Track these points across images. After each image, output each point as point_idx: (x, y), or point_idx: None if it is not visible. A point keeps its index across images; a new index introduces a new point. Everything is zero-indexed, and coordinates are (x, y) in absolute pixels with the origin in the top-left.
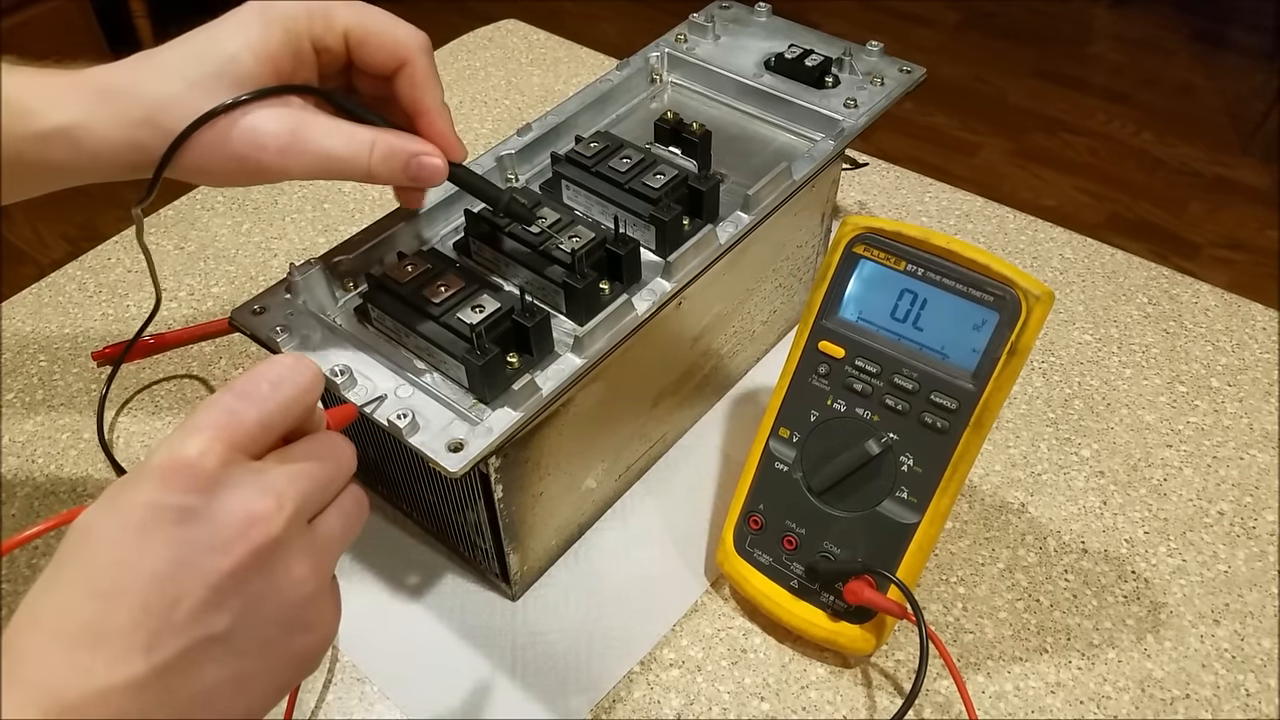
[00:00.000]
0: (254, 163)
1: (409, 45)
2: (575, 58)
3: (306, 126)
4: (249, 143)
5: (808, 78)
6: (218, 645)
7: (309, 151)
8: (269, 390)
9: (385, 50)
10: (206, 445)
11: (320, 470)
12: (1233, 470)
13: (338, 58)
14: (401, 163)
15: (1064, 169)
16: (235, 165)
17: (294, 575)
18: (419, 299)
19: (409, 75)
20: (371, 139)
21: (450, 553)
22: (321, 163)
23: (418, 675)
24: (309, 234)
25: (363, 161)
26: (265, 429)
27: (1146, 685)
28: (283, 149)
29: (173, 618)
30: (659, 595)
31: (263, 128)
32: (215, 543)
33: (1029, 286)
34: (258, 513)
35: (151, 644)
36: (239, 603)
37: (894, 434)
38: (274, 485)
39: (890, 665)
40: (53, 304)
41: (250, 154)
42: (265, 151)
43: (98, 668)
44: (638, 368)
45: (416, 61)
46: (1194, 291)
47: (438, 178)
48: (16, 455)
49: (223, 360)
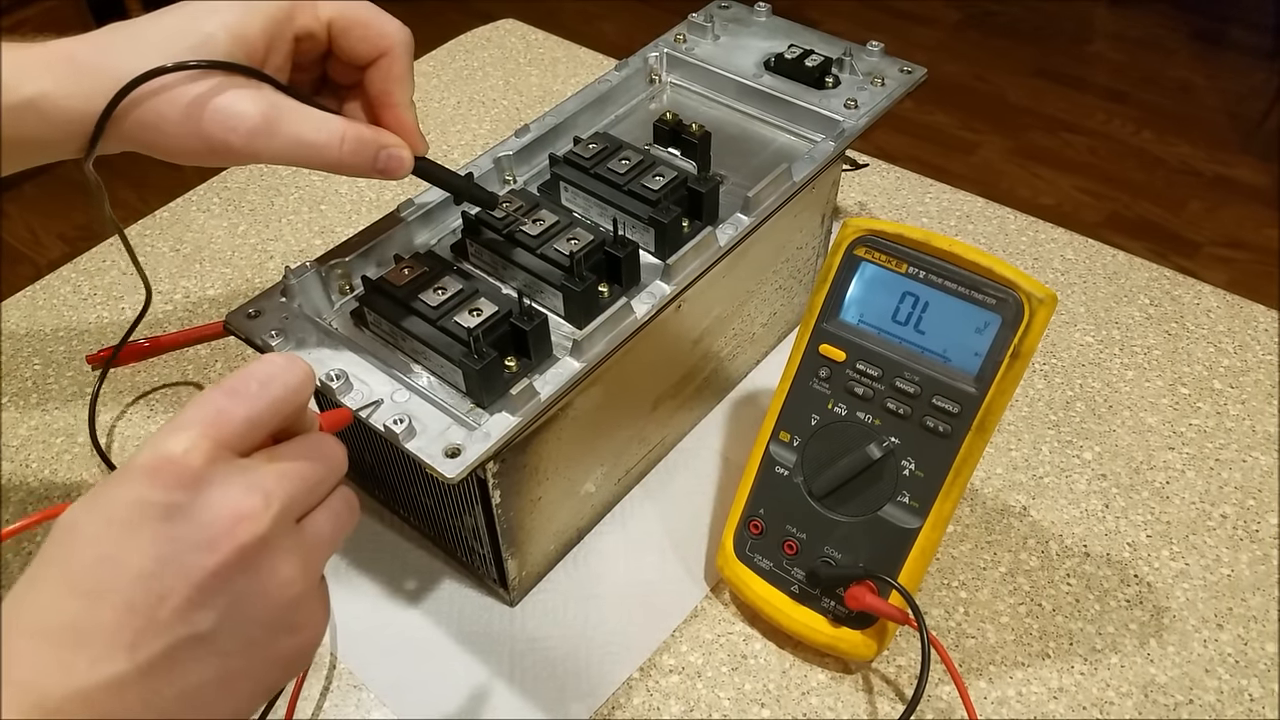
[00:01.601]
0: (221, 143)
1: (393, 38)
2: (574, 58)
3: (280, 111)
4: (219, 123)
5: (808, 78)
6: (203, 645)
7: (280, 136)
8: (258, 389)
9: (369, 41)
10: (193, 442)
11: (309, 470)
12: (1235, 473)
13: (318, 45)
14: (371, 154)
15: (1063, 168)
16: (201, 144)
17: (281, 575)
18: (416, 302)
19: (386, 67)
20: (343, 129)
21: (448, 558)
22: (291, 149)
23: (415, 682)
24: (305, 236)
25: (333, 151)
26: (253, 427)
27: (1150, 690)
28: (253, 130)
29: (157, 616)
30: (658, 600)
31: (235, 108)
32: (201, 540)
33: (1032, 289)
34: (244, 510)
35: (135, 642)
36: (224, 601)
37: (896, 438)
38: (261, 483)
39: (892, 671)
40: (47, 306)
41: (218, 134)
42: (234, 133)
43: (80, 667)
44: (637, 371)
45: (397, 54)
46: (1196, 293)
47: (403, 170)
48: (10, 460)
49: (218, 364)
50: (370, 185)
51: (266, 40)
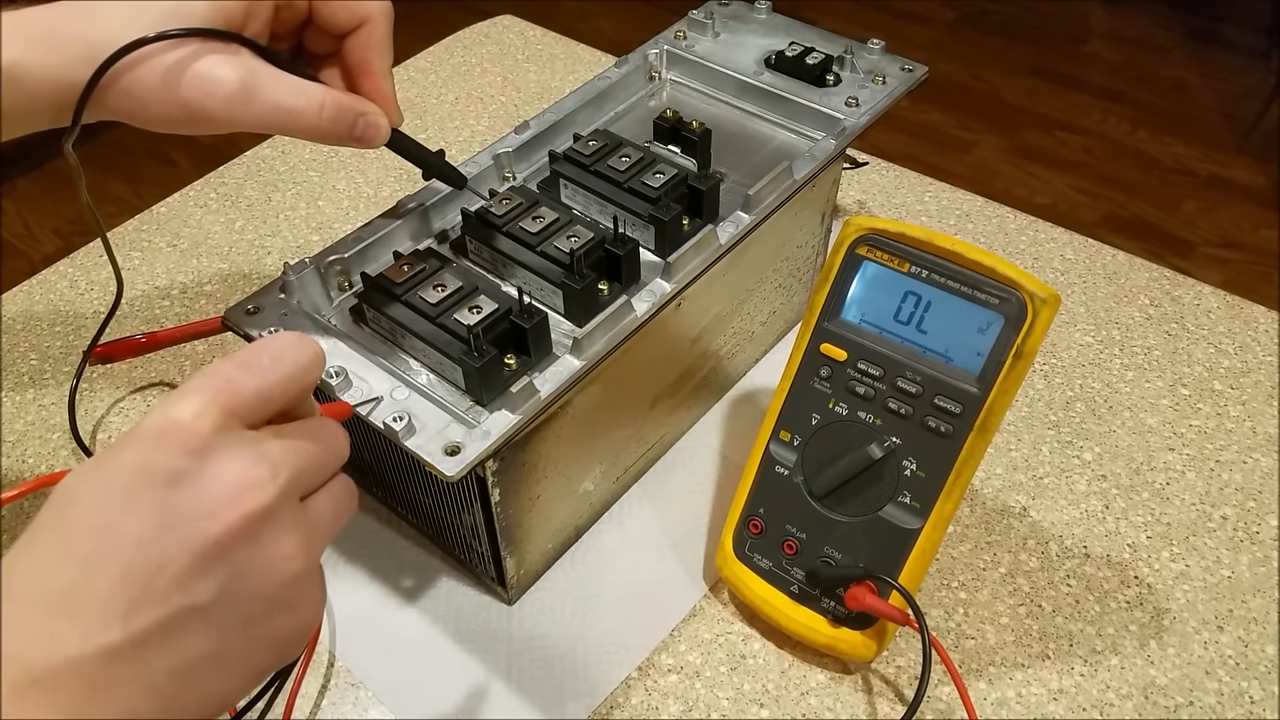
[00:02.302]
0: (199, 109)
1: (373, 6)
2: (572, 54)
3: (259, 77)
4: (198, 89)
5: (808, 76)
6: (199, 617)
7: (259, 102)
8: (269, 363)
9: (349, 9)
10: (201, 408)
11: (315, 450)
12: (1236, 474)
13: (298, 13)
14: (349, 122)
15: (1059, 167)
16: (180, 111)
17: (282, 549)
18: (415, 299)
19: (366, 35)
20: (322, 96)
21: (446, 556)
22: (270, 115)
23: (412, 680)
24: (303, 232)
25: (312, 118)
26: (262, 401)
27: (1150, 692)
28: (230, 97)
29: (154, 585)
30: (657, 600)
31: (213, 74)
32: (204, 508)
33: (1034, 289)
34: (250, 480)
35: (130, 611)
36: (225, 572)
37: (897, 438)
38: (269, 454)
39: (891, 671)
40: (44, 301)
41: (197, 100)
42: (213, 99)
43: (71, 636)
44: (636, 369)
45: (377, 22)
46: (1196, 293)
47: (379, 139)
48: (7, 455)
49: (216, 360)
50: (369, 181)
51: (245, 6)
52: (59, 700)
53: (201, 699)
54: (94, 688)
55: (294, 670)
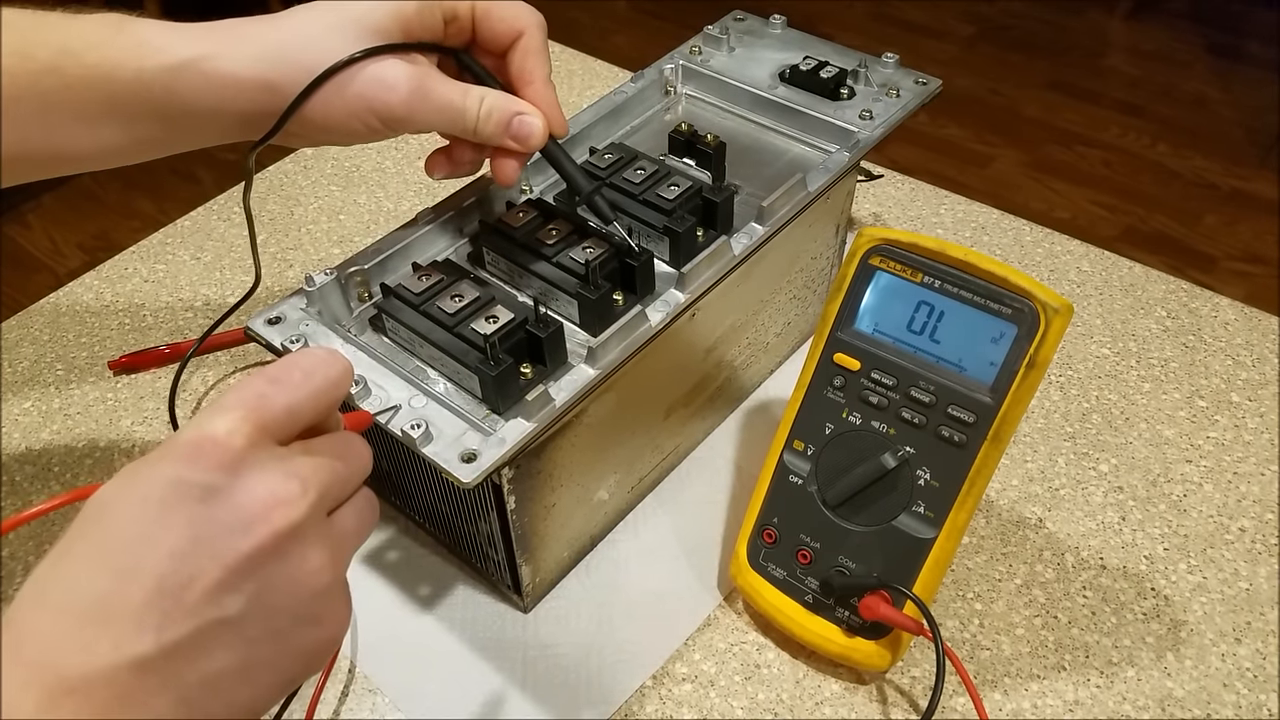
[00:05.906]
0: (383, 105)
1: (528, 17)
2: (589, 70)
3: (429, 78)
4: (380, 84)
5: (823, 89)
6: (229, 629)
7: (431, 99)
8: (301, 378)
9: (506, 22)
10: (235, 425)
11: (341, 467)
12: (1254, 486)
13: (463, 29)
14: (506, 119)
15: (1078, 181)
16: (364, 106)
17: (311, 564)
18: (433, 309)
19: (524, 46)
20: (481, 94)
21: (462, 564)
22: (439, 112)
23: (429, 686)
24: (324, 245)
25: (472, 115)
26: (293, 416)
27: (1167, 704)
28: (408, 97)
29: (186, 597)
30: (671, 609)
31: (390, 76)
32: (236, 522)
33: (1047, 299)
34: (282, 495)
35: (163, 623)
36: (254, 586)
37: (910, 447)
38: (299, 471)
39: (906, 682)
40: (70, 313)
41: (379, 95)
42: (395, 93)
43: (104, 646)
44: (651, 379)
45: (533, 33)
46: (1213, 305)
47: (536, 139)
48: (33, 464)
49: (238, 370)
50: (389, 195)
51: (421, 20)
52: (91, 708)
53: (228, 710)
54: (125, 697)
55: (316, 678)
